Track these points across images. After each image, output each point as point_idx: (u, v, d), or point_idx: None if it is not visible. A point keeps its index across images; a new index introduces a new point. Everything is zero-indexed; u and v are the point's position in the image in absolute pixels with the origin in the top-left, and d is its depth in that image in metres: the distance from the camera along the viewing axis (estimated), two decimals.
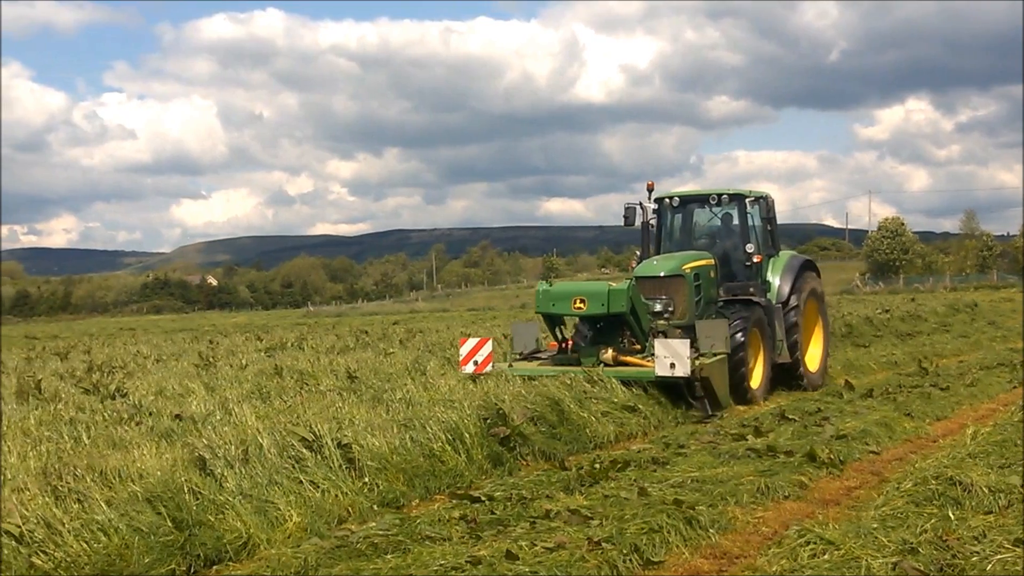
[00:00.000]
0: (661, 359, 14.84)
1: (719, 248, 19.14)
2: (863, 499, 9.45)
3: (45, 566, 7.14)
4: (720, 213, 19.40)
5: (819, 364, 19.98)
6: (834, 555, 7.10)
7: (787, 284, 18.97)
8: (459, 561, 7.22)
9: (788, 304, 18.78)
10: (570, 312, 16.29)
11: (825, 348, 20.52)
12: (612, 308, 15.77)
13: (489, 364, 16.28)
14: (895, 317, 34.27)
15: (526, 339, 17.94)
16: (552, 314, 16.54)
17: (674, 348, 14.80)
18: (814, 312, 20.21)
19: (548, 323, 16.95)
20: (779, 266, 19.22)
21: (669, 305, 17.19)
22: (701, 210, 19.69)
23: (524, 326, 18.61)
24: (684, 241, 19.54)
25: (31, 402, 15.06)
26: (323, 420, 11.05)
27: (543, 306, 16.36)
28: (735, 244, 19.00)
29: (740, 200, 18.84)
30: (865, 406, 15.01)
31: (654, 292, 17.23)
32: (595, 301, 15.86)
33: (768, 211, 18.99)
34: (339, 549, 7.86)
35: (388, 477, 10.06)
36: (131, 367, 22.91)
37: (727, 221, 19.38)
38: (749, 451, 11.34)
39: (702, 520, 8.39)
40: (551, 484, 10.08)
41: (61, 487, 8.60)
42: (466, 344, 16.77)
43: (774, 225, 19.46)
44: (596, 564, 7.21)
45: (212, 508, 8.42)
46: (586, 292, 16.08)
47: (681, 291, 17.28)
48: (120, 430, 12.04)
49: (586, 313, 16.12)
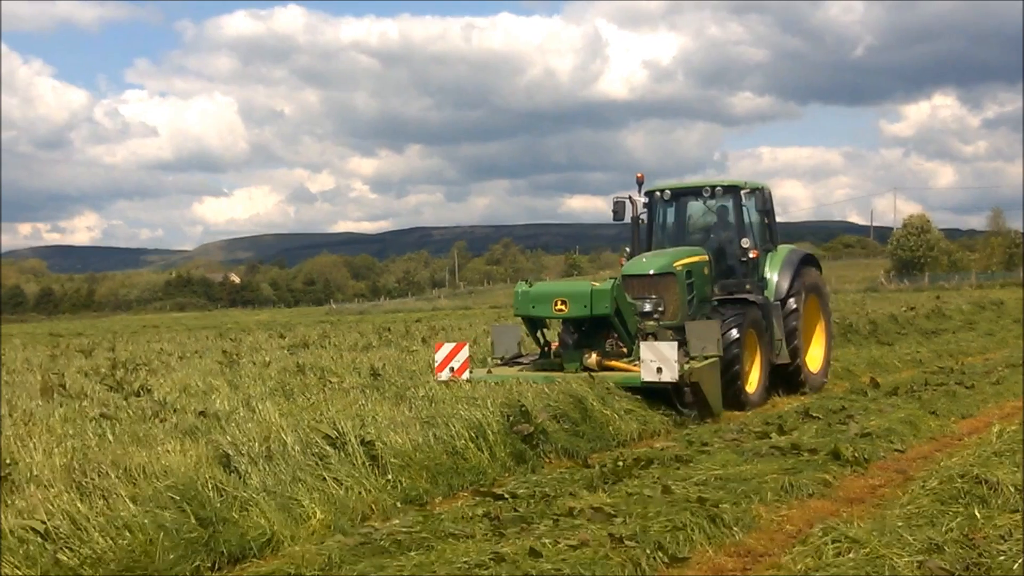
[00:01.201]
0: (647, 363, 14.04)
1: (714, 243, 18.29)
2: (888, 497, 9.42)
3: (70, 562, 7.16)
4: (715, 206, 18.52)
5: (821, 365, 19.18)
6: (859, 553, 7.07)
7: (786, 280, 18.13)
8: (483, 558, 7.21)
9: (787, 302, 17.96)
10: (551, 314, 15.48)
11: (827, 348, 19.65)
12: (595, 310, 14.94)
13: (466, 370, 15.44)
14: (920, 315, 34.16)
15: (507, 343, 17.11)
16: (532, 316, 15.79)
17: (661, 351, 14.03)
18: (815, 310, 19.36)
19: (529, 326, 16.22)
20: (777, 261, 18.39)
21: (659, 305, 16.33)
22: (695, 203, 18.81)
23: (505, 329, 17.80)
24: (677, 236, 18.60)
25: (56, 399, 15.11)
26: (346, 417, 11.07)
27: (522, 308, 15.59)
28: (731, 239, 18.08)
29: (735, 192, 17.89)
30: (890, 404, 14.95)
31: (643, 291, 16.44)
32: (577, 302, 15.03)
33: (765, 203, 18.13)
34: (363, 546, 7.87)
35: (411, 474, 10.07)
36: (155, 364, 23.00)
37: (722, 215, 18.51)
38: (773, 449, 11.31)
39: (726, 518, 8.37)
40: (574, 482, 10.09)
41: (86, 484, 8.64)
42: (441, 349, 15.92)
43: (772, 218, 18.64)
44: (620, 562, 7.20)
45: (236, 505, 8.44)
46: (567, 293, 15.27)
47: (672, 290, 16.44)
48: (144, 427, 12.08)
49: (568, 315, 15.29)
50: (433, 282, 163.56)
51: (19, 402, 14.52)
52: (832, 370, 20.53)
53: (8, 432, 11.72)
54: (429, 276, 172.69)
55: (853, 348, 25.24)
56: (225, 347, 28.92)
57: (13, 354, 30.20)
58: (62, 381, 17.15)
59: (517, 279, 16.62)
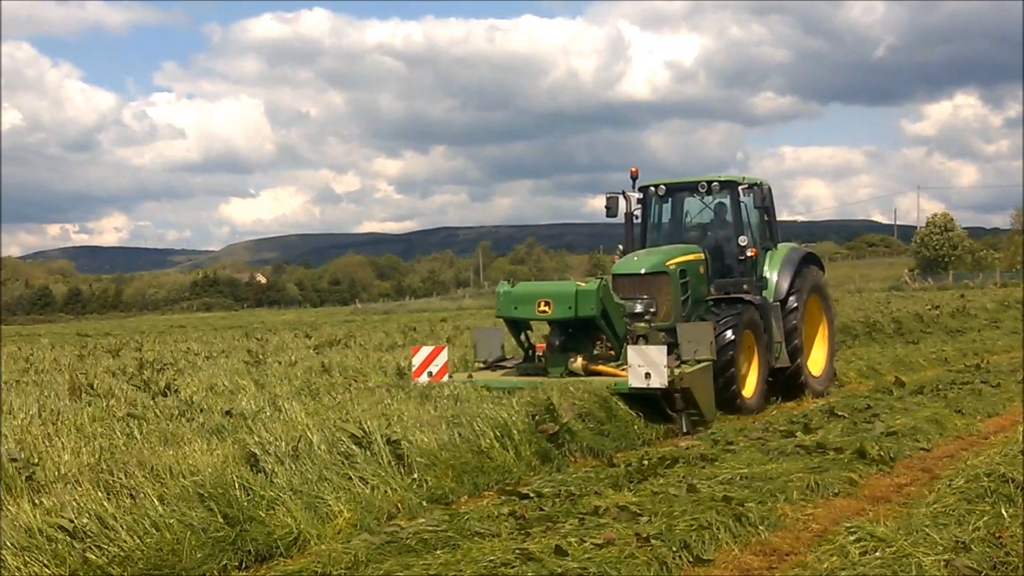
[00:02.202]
0: (635, 368, 13.32)
1: (711, 241, 17.55)
2: (914, 496, 9.40)
3: (99, 560, 7.22)
4: (712, 203, 17.80)
5: (824, 368, 18.39)
6: (885, 552, 7.06)
7: (786, 280, 17.34)
8: (508, 557, 7.23)
9: (787, 302, 17.20)
10: (534, 316, 14.69)
11: (830, 350, 18.82)
12: (580, 311, 14.23)
13: (445, 375, 14.84)
14: (944, 313, 34.04)
15: (491, 346, 16.40)
16: (515, 318, 15.06)
17: (649, 356, 13.31)
18: (817, 310, 18.53)
19: (512, 328, 15.48)
20: (777, 260, 17.60)
21: (651, 306, 15.71)
22: (691, 199, 18.02)
23: (488, 331, 17.05)
24: (673, 234, 17.85)
25: (84, 399, 15.18)
26: (372, 416, 11.11)
27: (504, 310, 14.88)
28: (728, 237, 17.36)
29: (732, 187, 17.13)
30: (915, 403, 14.91)
31: (634, 291, 15.82)
32: (561, 303, 14.32)
33: (764, 199, 17.20)
34: (389, 545, 7.89)
35: (437, 473, 10.10)
36: (182, 364, 23.06)
37: (719, 211, 17.80)
38: (798, 448, 11.29)
39: (751, 517, 8.37)
40: (599, 480, 10.10)
41: (113, 483, 8.69)
42: (419, 353, 15.21)
43: (772, 215, 17.98)
44: (645, 560, 7.21)
45: (263, 504, 8.49)
46: (551, 293, 14.54)
47: (665, 290, 15.81)
48: (171, 426, 12.13)
49: (552, 317, 14.53)
50: (458, 282, 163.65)
51: (47, 402, 14.59)
52: (857, 368, 20.50)
53: (36, 431, 11.79)
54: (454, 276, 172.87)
55: (878, 347, 25.20)
56: (251, 347, 29.00)
57: (41, 354, 30.34)
58: (90, 381, 17.22)
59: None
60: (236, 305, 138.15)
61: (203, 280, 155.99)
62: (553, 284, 15.86)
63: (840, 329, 27.15)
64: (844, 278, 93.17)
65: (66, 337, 50.65)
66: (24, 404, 14.24)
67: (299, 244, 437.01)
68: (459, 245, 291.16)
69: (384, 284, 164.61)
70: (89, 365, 23.90)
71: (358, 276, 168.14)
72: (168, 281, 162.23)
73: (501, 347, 16.38)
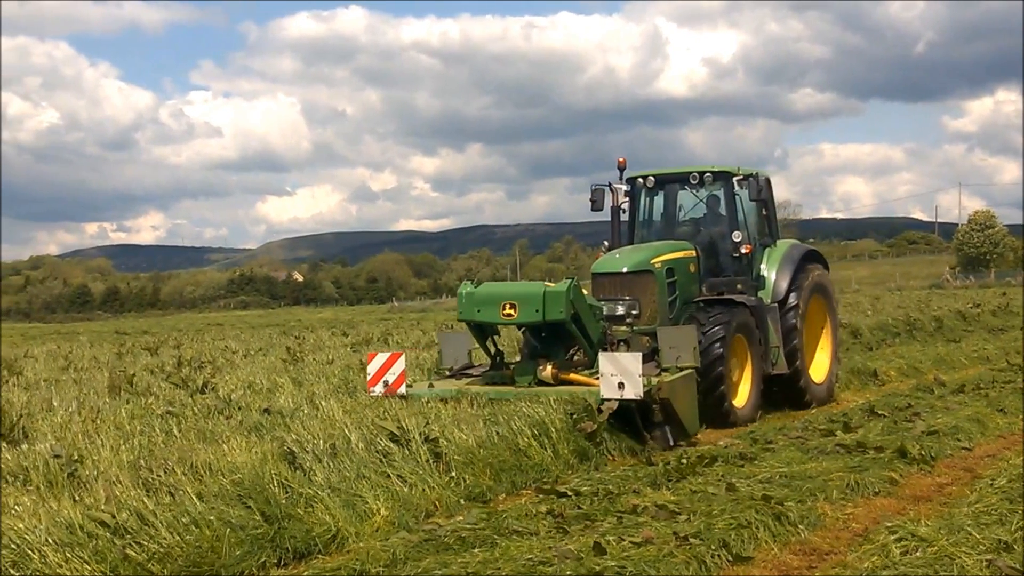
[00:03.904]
0: (607, 377, 11.93)
1: (704, 237, 16.29)
2: (955, 496, 9.33)
3: (139, 557, 7.25)
4: (706, 196, 16.54)
5: (826, 375, 17.06)
6: (927, 552, 7.02)
7: (785, 279, 16.11)
8: (547, 555, 7.22)
9: (786, 303, 16.00)
10: (499, 320, 13.34)
11: (834, 356, 17.46)
12: (549, 315, 12.90)
13: (402, 384, 13.34)
14: (986, 311, 33.84)
15: (456, 352, 14.84)
16: (479, 322, 13.75)
17: (622, 363, 11.93)
18: (820, 312, 17.14)
19: (476, 333, 14.09)
20: (776, 258, 16.38)
21: (634, 307, 14.56)
22: (683, 192, 16.78)
23: (455, 336, 15.45)
24: (663, 229, 16.70)
25: (123, 396, 15.28)
26: (410, 414, 11.11)
27: (467, 312, 13.57)
28: (722, 232, 16.13)
29: (726, 179, 15.94)
30: (956, 402, 14.81)
31: (615, 292, 14.74)
32: (528, 306, 13.00)
33: (760, 192, 15.79)
34: (427, 543, 7.90)
35: (475, 471, 10.10)
36: (220, 362, 23.18)
37: (713, 205, 16.50)
38: (838, 447, 11.22)
39: (791, 516, 8.32)
40: (638, 479, 10.07)
41: (152, 480, 8.74)
42: (374, 360, 13.62)
43: (771, 209, 16.88)
44: (684, 559, 7.18)
45: (301, 502, 8.52)
46: (517, 295, 13.23)
47: (649, 290, 14.64)
48: (210, 424, 12.18)
49: (517, 321, 13.32)
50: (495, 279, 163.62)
51: (87, 399, 14.69)
52: (897, 367, 20.36)
53: (76, 428, 11.89)
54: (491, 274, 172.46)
55: (919, 345, 25.04)
56: (288, 345, 29.12)
57: (80, 351, 30.57)
58: (129, 378, 17.33)
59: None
60: (273, 303, 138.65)
61: (240, 278, 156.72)
62: (519, 285, 15.07)
63: (880, 327, 27.10)
64: (885, 276, 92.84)
65: (104, 335, 51.01)
66: (64, 401, 14.35)
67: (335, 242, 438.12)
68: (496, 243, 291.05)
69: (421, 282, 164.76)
70: (128, 363, 24.05)
71: (395, 274, 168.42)
72: (205, 279, 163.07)
73: (468, 353, 14.91)
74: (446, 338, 15.62)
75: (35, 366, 23.83)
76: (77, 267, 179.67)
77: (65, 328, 74.69)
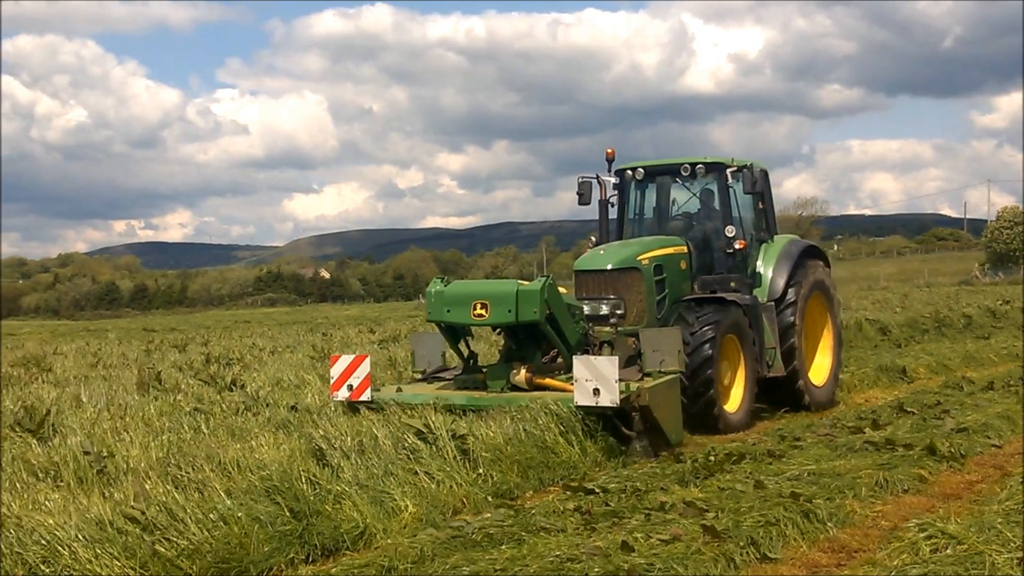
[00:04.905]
0: (581, 383, 11.13)
1: (697, 232, 15.51)
2: (985, 493, 9.27)
3: (168, 553, 7.28)
4: (699, 189, 15.74)
5: (827, 377, 16.16)
6: (957, 550, 6.98)
7: (782, 276, 15.22)
8: (574, 552, 7.22)
9: (784, 302, 15.12)
10: (470, 321, 12.58)
11: (836, 357, 16.51)
12: (522, 315, 12.15)
13: (367, 389, 12.60)
14: (1015, 308, 33.66)
15: (430, 354, 14.05)
16: (449, 323, 12.94)
17: (597, 368, 11.11)
18: (820, 311, 16.27)
19: (448, 335, 13.26)
20: (773, 254, 15.46)
21: (619, 307, 13.79)
22: (677, 186, 15.93)
23: (428, 337, 14.33)
24: (653, 224, 15.94)
25: (151, 393, 15.35)
26: (437, 411, 11.11)
27: (436, 313, 12.79)
28: (716, 227, 15.25)
29: (719, 171, 15.03)
30: (986, 399, 14.72)
31: (599, 290, 14.01)
32: (500, 306, 12.27)
33: (755, 184, 14.78)
34: (455, 540, 7.90)
35: (502, 468, 10.10)
36: (247, 359, 23.25)
37: (707, 199, 15.69)
38: (867, 444, 11.17)
39: (820, 513, 8.30)
40: (665, 476, 10.05)
41: (181, 476, 8.79)
42: (337, 363, 12.85)
43: (767, 202, 15.88)
44: (712, 557, 7.16)
45: (329, 498, 8.53)
46: (489, 294, 12.46)
47: (635, 288, 13.86)
48: (238, 421, 12.23)
49: (489, 322, 12.55)
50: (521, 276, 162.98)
51: (116, 396, 14.76)
52: (926, 364, 20.21)
53: (105, 425, 11.96)
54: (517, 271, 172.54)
55: (948, 342, 24.93)
56: (316, 342, 29.18)
57: (109, 348, 30.71)
58: (157, 375, 17.41)
59: None
60: (300, 300, 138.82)
61: (267, 275, 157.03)
62: (491, 283, 14.52)
63: (908, 324, 26.97)
64: (913, 273, 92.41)
65: (133, 332, 51.23)
66: (93, 398, 14.43)
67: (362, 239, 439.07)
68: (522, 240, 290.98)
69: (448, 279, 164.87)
70: (156, 360, 24.15)
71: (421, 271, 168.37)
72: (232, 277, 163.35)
73: (442, 355, 14.13)
74: (419, 339, 14.72)
75: (64, 363, 23.97)
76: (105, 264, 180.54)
77: (93, 325, 75.08)
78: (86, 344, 35.20)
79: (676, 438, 12.02)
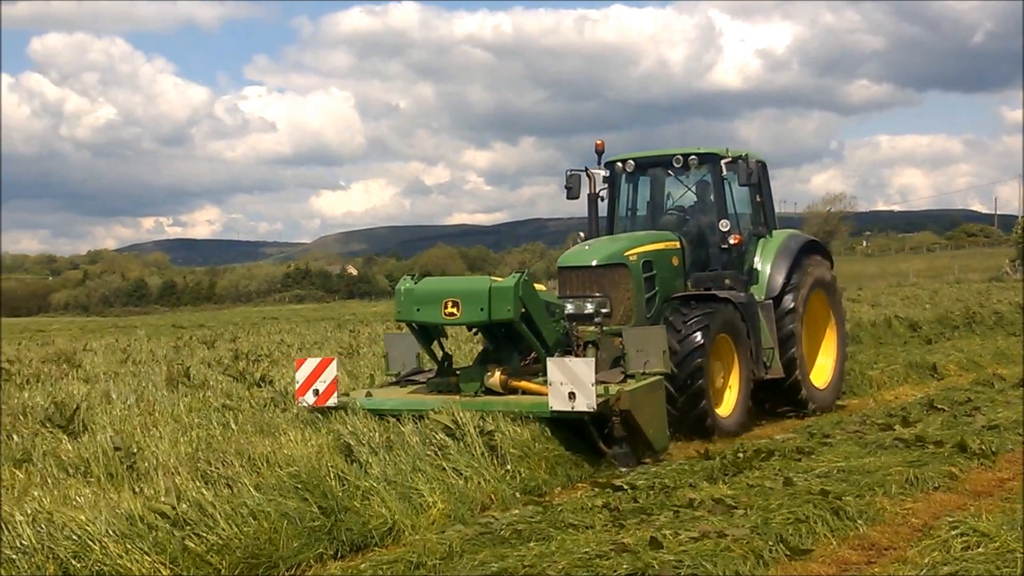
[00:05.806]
0: (556, 387, 10.52)
1: (692, 227, 14.85)
2: (1017, 491, 9.20)
3: (198, 549, 7.32)
4: (694, 181, 15.07)
5: (830, 379, 15.64)
6: (988, 547, 6.94)
7: (781, 273, 14.59)
8: (603, 549, 7.20)
9: (782, 300, 14.50)
10: (441, 320, 11.80)
11: (840, 358, 15.94)
12: (495, 314, 11.40)
13: (333, 394, 11.92)
14: None
15: (404, 356, 13.32)
16: (420, 323, 12.22)
17: (572, 371, 10.50)
18: (822, 310, 15.72)
19: (419, 335, 12.52)
20: (771, 250, 14.84)
21: (604, 305, 13.10)
22: (672, 178, 15.32)
23: (400, 338, 13.55)
24: (647, 218, 15.28)
25: (180, 389, 15.39)
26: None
27: (406, 312, 12.07)
28: (711, 222, 14.58)
29: (713, 162, 14.37)
30: (1017, 396, 14.61)
31: (584, 288, 13.32)
32: (472, 304, 11.50)
33: (751, 176, 14.06)
34: (483, 536, 7.92)
35: (530, 465, 10.10)
36: (276, 355, 23.29)
37: (702, 191, 15.00)
38: (897, 441, 11.11)
39: (849, 511, 8.27)
40: (694, 473, 10.03)
41: (211, 472, 8.81)
42: (303, 367, 12.16)
43: (765, 195, 15.17)
44: (741, 554, 7.14)
45: (358, 494, 8.57)
46: (461, 292, 11.73)
47: (623, 285, 13.22)
48: (266, 417, 12.26)
49: (461, 321, 11.81)
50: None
51: (145, 392, 14.81)
52: (956, 361, 20.11)
53: (135, 421, 12.01)
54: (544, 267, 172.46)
55: (978, 339, 24.75)
56: (344, 338, 29.22)
57: (138, 345, 30.82)
58: (186, 371, 17.46)
59: None
60: (328, 297, 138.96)
61: (295, 272, 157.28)
62: (462, 280, 13.92)
63: (938, 321, 26.80)
64: (943, 269, 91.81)
65: (161, 329, 51.38)
66: (123, 394, 14.48)
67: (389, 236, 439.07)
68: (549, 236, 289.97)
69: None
70: (185, 356, 24.23)
71: (448, 268, 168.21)
72: (260, 273, 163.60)
73: (417, 357, 13.38)
74: (392, 340, 13.91)
75: (94, 359, 24.05)
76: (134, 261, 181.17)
77: (122, 322, 75.31)
78: (115, 340, 35.31)
79: (660, 444, 11.55)
